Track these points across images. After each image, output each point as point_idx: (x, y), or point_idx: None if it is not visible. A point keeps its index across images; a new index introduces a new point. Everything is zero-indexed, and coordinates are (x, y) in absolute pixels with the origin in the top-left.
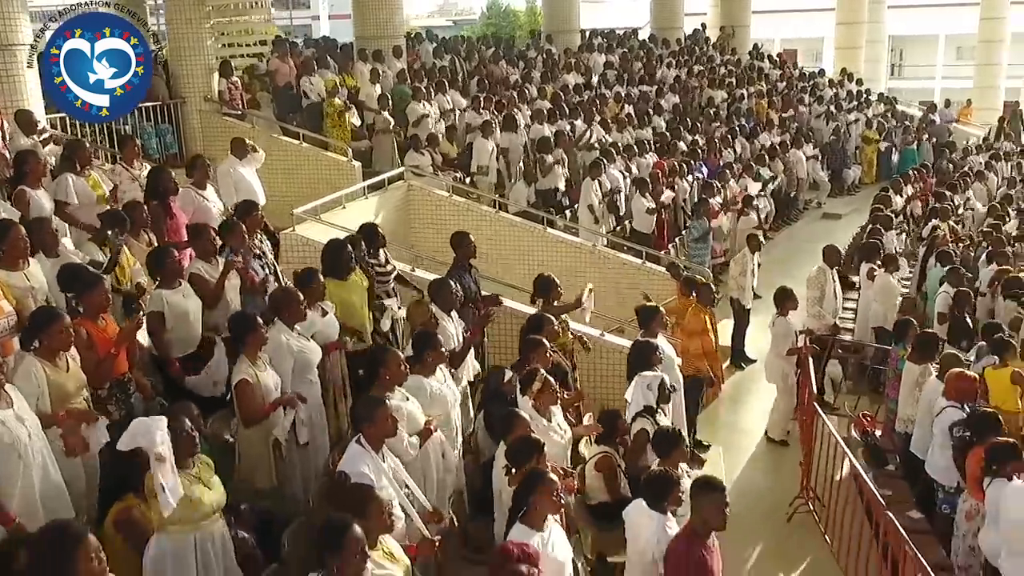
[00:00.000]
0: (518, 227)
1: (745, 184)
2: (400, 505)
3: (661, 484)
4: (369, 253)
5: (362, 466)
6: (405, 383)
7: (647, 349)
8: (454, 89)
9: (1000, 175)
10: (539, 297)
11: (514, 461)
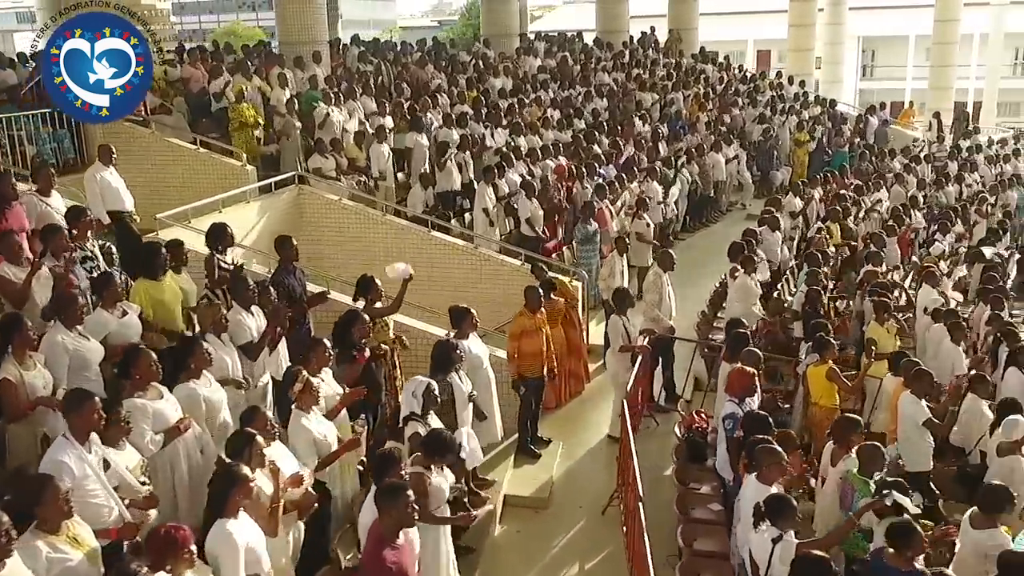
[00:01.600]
0: (404, 231)
1: (649, 187)
2: (104, 493)
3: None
4: (217, 251)
5: (62, 456)
6: (177, 386)
7: (445, 349)
8: (367, 95)
9: (921, 177)
10: (360, 297)
11: (231, 454)
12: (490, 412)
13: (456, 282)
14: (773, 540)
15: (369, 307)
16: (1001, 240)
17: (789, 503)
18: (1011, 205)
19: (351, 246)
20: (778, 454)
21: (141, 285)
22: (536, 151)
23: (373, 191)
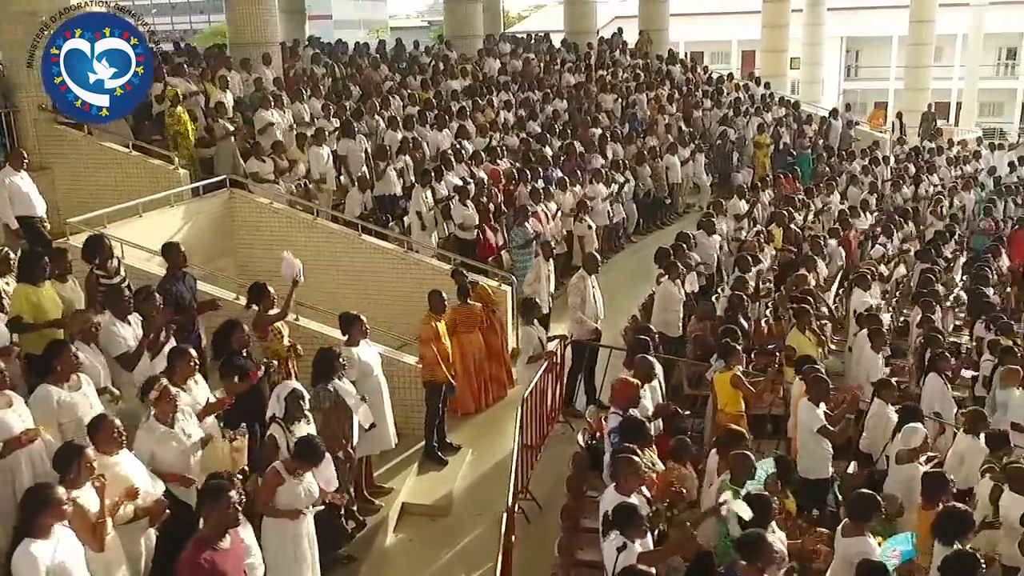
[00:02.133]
0: (334, 235)
1: (593, 189)
2: None
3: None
4: (96, 265)
5: None
6: (37, 391)
7: (327, 357)
8: (316, 97)
9: (880, 179)
10: (252, 303)
11: (56, 467)
12: (381, 420)
13: (386, 287)
14: (618, 549)
15: (262, 314)
16: (948, 242)
17: (635, 512)
18: (968, 207)
19: (283, 250)
20: (635, 464)
21: (21, 290)
22: (480, 154)
23: (313, 195)
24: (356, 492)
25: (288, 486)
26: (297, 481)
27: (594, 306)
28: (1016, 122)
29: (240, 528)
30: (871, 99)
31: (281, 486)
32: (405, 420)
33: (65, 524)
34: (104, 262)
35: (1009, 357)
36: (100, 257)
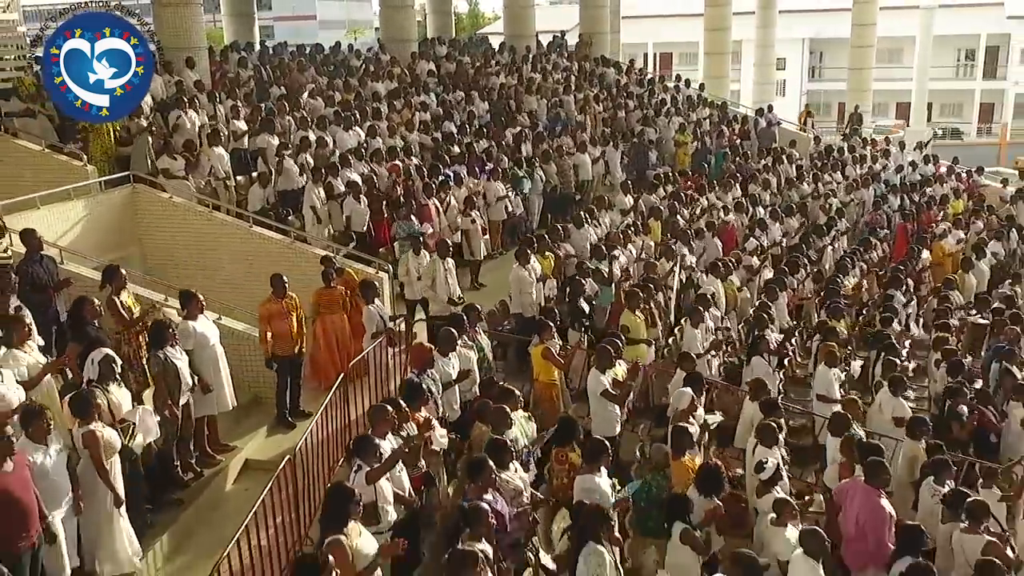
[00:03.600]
0: (227, 225)
1: (491, 186)
2: None
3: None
4: None
5: None
6: None
7: (159, 328)
8: (233, 99)
9: (783, 176)
10: (105, 284)
11: None
12: (218, 384)
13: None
14: (354, 471)
15: (115, 294)
16: (825, 235)
17: (371, 443)
18: (867, 202)
19: (182, 240)
20: (385, 412)
21: None
22: (380, 152)
23: (216, 191)
24: (197, 447)
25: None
26: (111, 433)
27: (445, 286)
28: (975, 122)
29: (33, 453)
30: (835, 99)
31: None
32: (267, 389)
33: None
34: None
35: (830, 336)
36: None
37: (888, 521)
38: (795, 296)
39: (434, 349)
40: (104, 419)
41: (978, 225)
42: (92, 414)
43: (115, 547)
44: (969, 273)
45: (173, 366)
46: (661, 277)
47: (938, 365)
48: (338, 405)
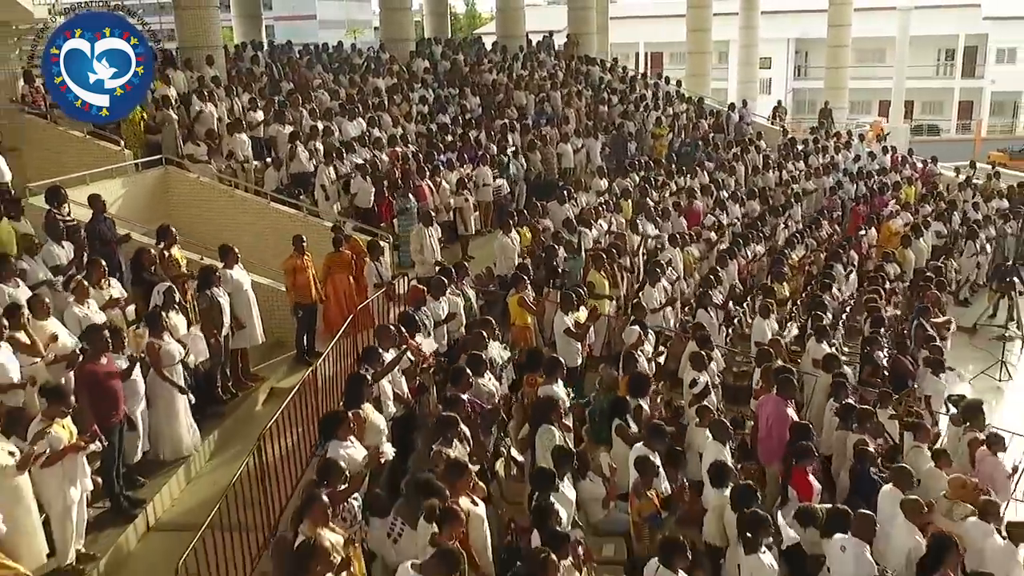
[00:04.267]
0: (247, 201)
1: (479, 171)
2: None
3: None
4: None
5: None
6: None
7: (206, 272)
8: (249, 92)
9: (750, 165)
10: (160, 241)
11: None
12: (249, 323)
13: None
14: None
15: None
16: (781, 216)
17: (361, 384)
18: (826, 188)
19: (208, 213)
20: (387, 329)
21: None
22: (381, 140)
23: (237, 173)
24: (233, 375)
25: (164, 351)
26: (172, 347)
27: (431, 251)
28: (954, 119)
29: (115, 360)
30: (819, 97)
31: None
32: (288, 334)
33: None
34: (59, 206)
35: (768, 295)
36: (56, 201)
37: (787, 423)
38: (747, 266)
39: (427, 291)
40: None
41: (926, 208)
42: (161, 329)
43: (176, 436)
44: (908, 249)
45: (217, 303)
46: (627, 248)
47: (866, 322)
48: (345, 347)
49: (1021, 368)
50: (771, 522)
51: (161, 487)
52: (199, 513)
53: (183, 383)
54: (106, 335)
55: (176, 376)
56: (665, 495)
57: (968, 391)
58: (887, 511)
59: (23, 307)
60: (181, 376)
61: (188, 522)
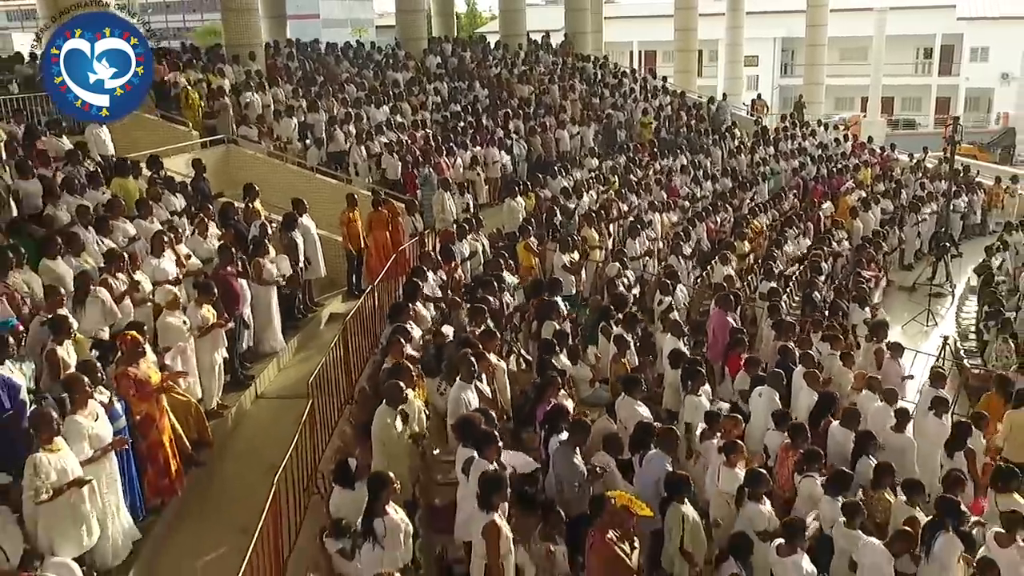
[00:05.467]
0: (294, 173)
1: (489, 152)
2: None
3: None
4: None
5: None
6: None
7: (289, 216)
8: (289, 83)
9: (724, 151)
10: (246, 196)
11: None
12: (315, 260)
13: (332, 203)
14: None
15: (251, 201)
16: (748, 191)
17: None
18: (791, 169)
19: (261, 183)
20: (429, 255)
21: (115, 182)
22: (404, 124)
23: (283, 150)
24: (303, 301)
25: (266, 266)
26: (272, 266)
27: (450, 211)
28: (932, 115)
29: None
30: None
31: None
32: (340, 275)
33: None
34: (158, 170)
35: (729, 249)
36: (156, 167)
37: (727, 328)
38: (715, 230)
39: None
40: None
41: (879, 187)
42: (263, 252)
43: (271, 335)
44: (856, 220)
45: (295, 241)
46: (615, 212)
47: (808, 271)
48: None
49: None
50: (704, 376)
51: (262, 370)
52: (291, 389)
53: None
54: (232, 252)
55: (271, 288)
56: (634, 366)
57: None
58: (796, 381)
59: (167, 233)
60: (275, 289)
61: (284, 394)
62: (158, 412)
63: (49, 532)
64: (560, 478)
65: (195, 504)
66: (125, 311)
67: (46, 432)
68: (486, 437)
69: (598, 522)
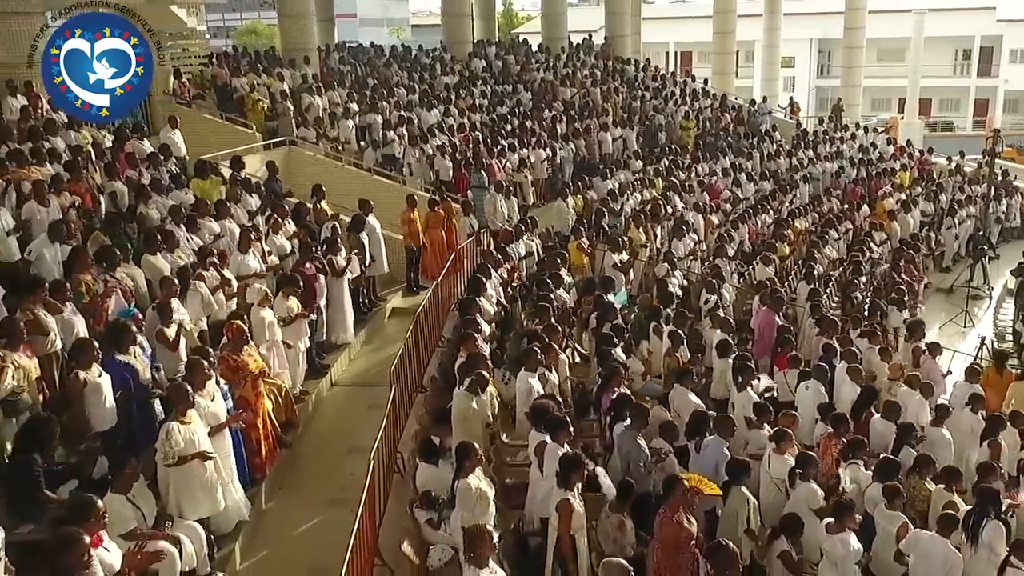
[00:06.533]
0: (351, 174)
1: (534, 153)
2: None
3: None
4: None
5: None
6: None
7: (358, 216)
8: (342, 87)
9: (763, 153)
10: (313, 195)
11: None
12: (379, 257)
13: (387, 203)
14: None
15: (319, 201)
16: (788, 193)
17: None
18: (831, 172)
19: (320, 180)
20: (491, 254)
21: (194, 184)
22: (455, 126)
23: (340, 151)
24: (367, 295)
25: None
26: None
27: (503, 213)
28: (970, 116)
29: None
30: (841, 95)
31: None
32: (399, 272)
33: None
34: (240, 169)
35: (770, 250)
36: (238, 167)
37: (774, 327)
38: (756, 232)
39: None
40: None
41: (917, 190)
42: (336, 250)
43: (343, 327)
44: (894, 222)
45: (361, 242)
46: (660, 213)
47: (848, 272)
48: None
49: (984, 319)
50: (754, 369)
51: (335, 360)
52: (361, 377)
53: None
54: (312, 248)
55: (343, 282)
56: (686, 360)
57: (937, 336)
58: (839, 376)
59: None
60: (346, 283)
61: (355, 382)
62: (254, 396)
63: (179, 497)
64: (627, 459)
65: (286, 480)
66: (219, 303)
67: (182, 404)
68: (559, 422)
69: (670, 500)
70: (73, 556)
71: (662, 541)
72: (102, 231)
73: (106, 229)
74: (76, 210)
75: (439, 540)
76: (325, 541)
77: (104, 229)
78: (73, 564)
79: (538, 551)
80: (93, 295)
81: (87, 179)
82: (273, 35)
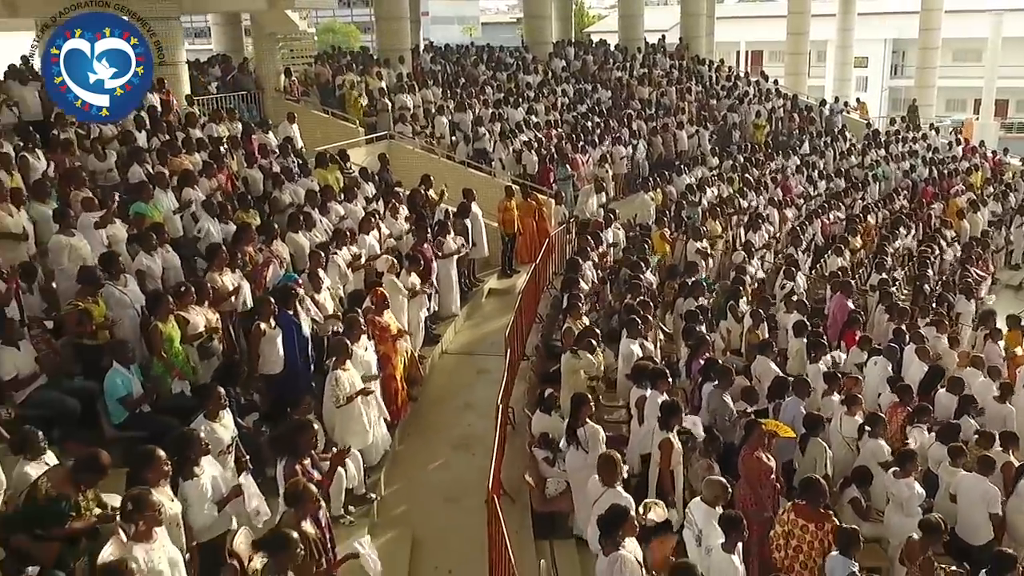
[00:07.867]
0: (447, 166)
1: (615, 150)
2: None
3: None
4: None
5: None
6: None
7: (464, 205)
8: (436, 85)
9: (836, 151)
10: (422, 184)
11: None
12: (480, 242)
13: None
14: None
15: (426, 189)
16: (861, 191)
17: (572, 287)
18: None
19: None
20: (585, 250)
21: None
22: (540, 123)
23: (434, 145)
24: (469, 275)
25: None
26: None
27: (592, 205)
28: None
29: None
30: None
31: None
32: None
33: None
34: (346, 162)
35: (842, 243)
36: (344, 159)
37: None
38: (828, 226)
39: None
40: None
41: (989, 190)
42: (445, 233)
43: (451, 301)
44: (964, 220)
45: (465, 227)
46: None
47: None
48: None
49: None
50: (825, 347)
51: (445, 330)
52: (467, 347)
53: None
54: (427, 231)
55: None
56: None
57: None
58: (908, 356)
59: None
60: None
61: (462, 351)
62: (393, 352)
63: (343, 430)
64: (713, 415)
65: (413, 427)
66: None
67: (343, 355)
68: (660, 373)
69: (750, 440)
70: (307, 437)
71: (746, 475)
72: (243, 211)
73: (247, 211)
74: (221, 193)
75: (554, 475)
76: (453, 477)
77: (244, 211)
78: (307, 443)
79: (637, 489)
80: (254, 264)
81: (227, 167)
82: (350, 33)
